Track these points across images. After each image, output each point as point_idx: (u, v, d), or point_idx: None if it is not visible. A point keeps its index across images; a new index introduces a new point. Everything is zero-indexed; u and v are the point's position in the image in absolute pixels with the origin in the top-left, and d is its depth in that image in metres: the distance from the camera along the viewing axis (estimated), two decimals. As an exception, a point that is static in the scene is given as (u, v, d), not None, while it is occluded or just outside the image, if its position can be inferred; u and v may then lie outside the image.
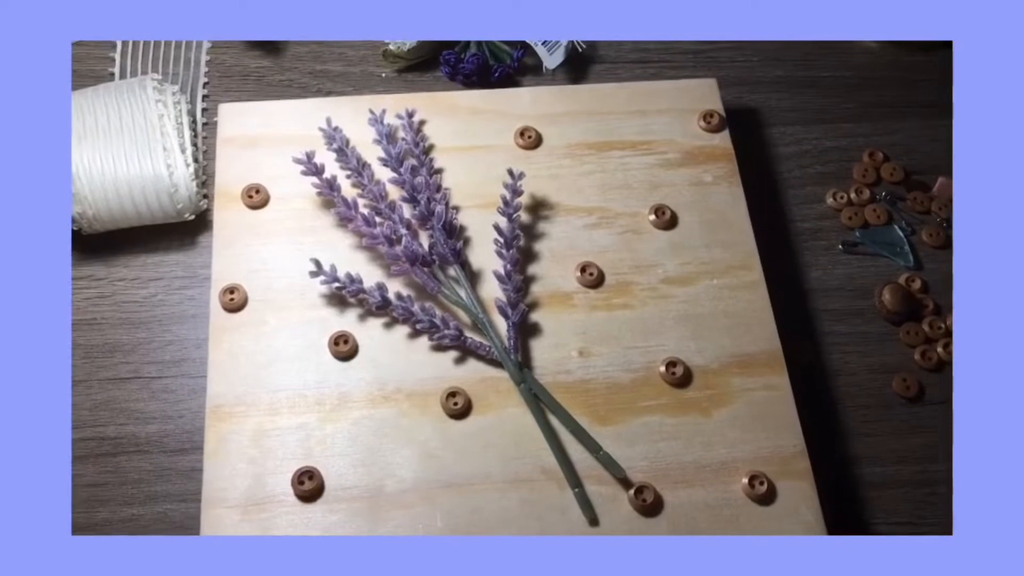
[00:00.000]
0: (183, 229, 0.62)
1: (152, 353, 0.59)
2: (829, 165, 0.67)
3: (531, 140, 0.62)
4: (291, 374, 0.55)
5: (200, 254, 0.62)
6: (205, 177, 0.64)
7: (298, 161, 0.58)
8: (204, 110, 0.67)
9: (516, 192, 0.58)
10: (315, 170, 0.58)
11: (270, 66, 0.69)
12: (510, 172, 0.59)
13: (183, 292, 0.61)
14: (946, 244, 0.65)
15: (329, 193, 0.58)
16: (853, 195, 0.66)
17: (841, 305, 0.62)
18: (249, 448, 0.53)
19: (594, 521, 0.52)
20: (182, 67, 0.68)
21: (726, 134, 0.63)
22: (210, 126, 0.66)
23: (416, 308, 0.56)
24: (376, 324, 0.57)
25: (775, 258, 0.62)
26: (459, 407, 0.54)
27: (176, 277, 0.62)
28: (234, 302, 0.57)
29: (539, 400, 0.54)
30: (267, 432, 0.53)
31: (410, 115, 0.62)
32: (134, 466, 0.56)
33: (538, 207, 0.61)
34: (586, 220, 0.60)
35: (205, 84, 0.68)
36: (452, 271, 0.58)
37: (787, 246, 0.64)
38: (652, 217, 0.60)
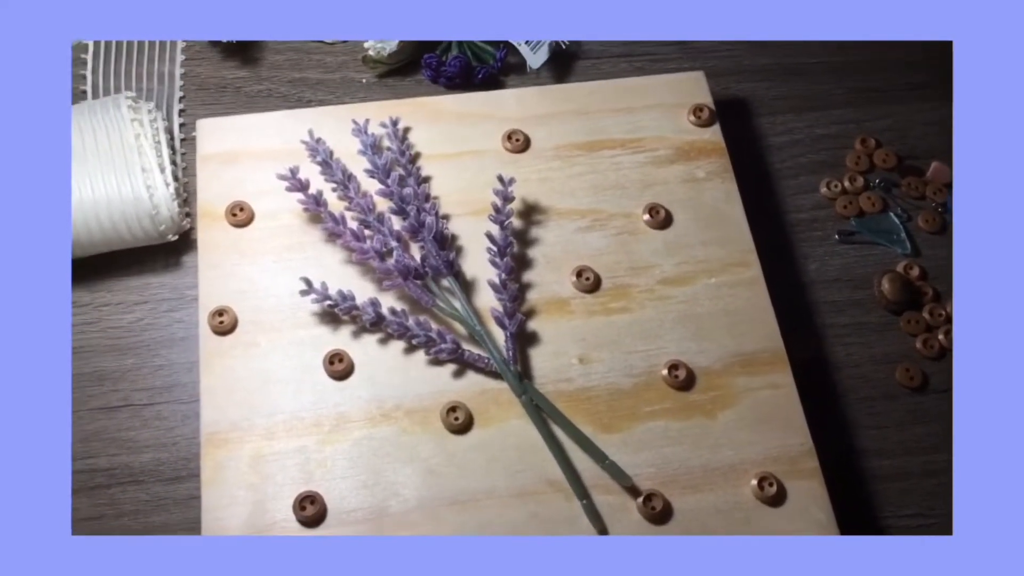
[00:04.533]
0: (167, 249, 0.61)
1: (142, 379, 0.58)
2: (822, 153, 0.66)
3: (519, 143, 0.61)
4: (286, 396, 0.54)
5: (186, 274, 0.61)
6: (186, 195, 0.62)
7: (282, 177, 0.57)
8: (182, 125, 0.65)
9: (507, 198, 0.57)
10: (300, 186, 0.57)
11: (247, 76, 0.67)
12: (500, 179, 0.57)
13: (171, 315, 0.60)
14: (942, 229, 0.64)
15: (316, 208, 0.56)
16: (847, 183, 0.65)
17: (841, 296, 0.62)
18: (248, 474, 0.52)
19: (603, 531, 0.51)
20: (156, 82, 0.66)
21: (717, 128, 0.62)
22: (189, 141, 0.64)
23: (411, 323, 0.54)
24: (371, 340, 0.55)
25: (772, 251, 0.61)
26: (460, 422, 0.53)
27: (163, 299, 0.60)
28: (224, 324, 0.55)
29: (541, 411, 0.53)
30: (265, 457, 0.52)
31: (394, 123, 0.60)
32: (130, 497, 0.54)
33: (530, 212, 0.60)
34: (579, 223, 0.59)
35: (181, 98, 0.66)
36: (446, 282, 0.56)
37: (783, 238, 0.63)
38: (646, 217, 0.59)
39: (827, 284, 0.62)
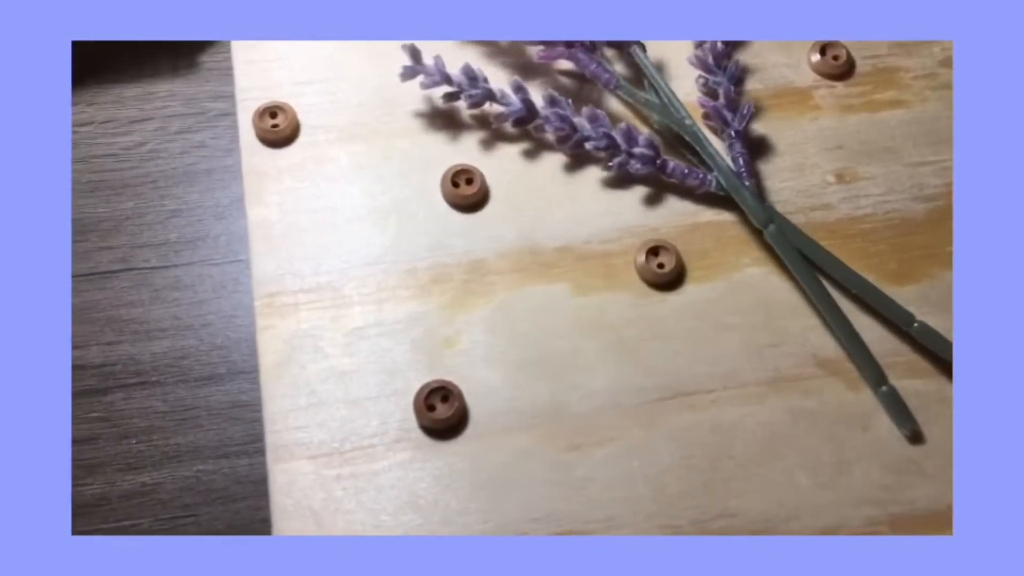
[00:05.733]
0: (170, 44, 0.40)
1: (147, 232, 0.38)
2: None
3: None
4: (385, 237, 0.34)
5: (205, 79, 0.40)
6: (201, -32, 0.41)
7: None
8: None
9: (712, -67, 0.37)
10: (393, -94, 0.36)
11: None
12: (700, -99, 0.37)
13: (186, 138, 0.39)
14: None
15: (420, -58, 0.36)
16: None
17: None
18: (335, 357, 0.32)
19: (916, 435, 0.32)
20: None
21: None
22: None
23: (582, 119, 0.34)
24: (513, 152, 0.35)
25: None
26: (667, 270, 0.33)
27: (173, 115, 0.40)
28: (279, 130, 0.35)
29: (799, 251, 0.34)
30: (359, 331, 0.32)
31: None
32: (137, 407, 0.35)
33: (732, -32, 0.39)
34: (809, -18, 0.39)
35: None
36: (620, 68, 0.36)
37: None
38: (911, -30, 0.39)
39: None
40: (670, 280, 0.34)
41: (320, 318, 0.32)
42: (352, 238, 0.34)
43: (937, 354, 0.32)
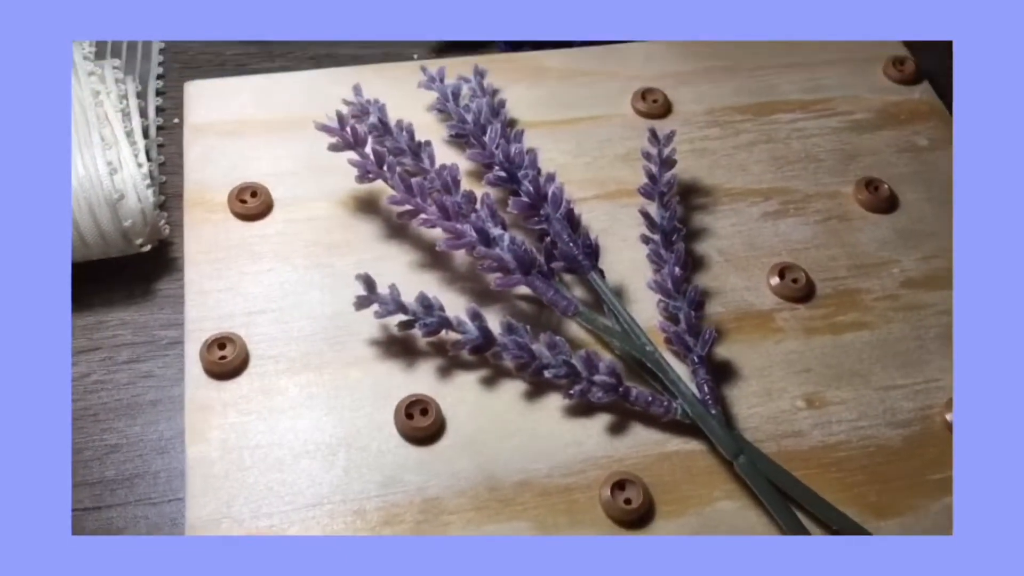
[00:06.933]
0: (128, 270, 0.40)
1: (85, 468, 0.35)
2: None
3: (657, 105, 0.42)
4: (333, 475, 0.32)
5: (158, 307, 0.39)
6: (163, 198, 0.42)
7: (324, 129, 0.37)
8: (160, 110, 0.45)
9: (666, 163, 0.38)
10: (352, 140, 0.36)
11: (255, 52, 0.49)
12: (653, 133, 0.38)
13: (133, 368, 0.38)
14: None
15: (376, 172, 0.36)
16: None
17: None
18: (271, 615, 0.29)
19: None
20: (124, 54, 0.47)
21: (927, 86, 0.44)
22: (168, 131, 0.44)
23: (541, 346, 0.33)
24: (469, 381, 0.34)
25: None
26: (634, 507, 0.31)
27: (122, 344, 0.39)
28: (227, 362, 0.33)
29: (772, 484, 0.32)
30: (300, 582, 0.29)
31: (481, 75, 0.41)
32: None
33: (687, 193, 0.40)
34: (763, 207, 0.40)
35: (160, 77, 0.47)
36: (579, 292, 0.36)
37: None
38: (862, 195, 0.40)
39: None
40: (638, 517, 0.31)
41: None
42: (297, 476, 0.32)
43: (930, 597, 0.30)
